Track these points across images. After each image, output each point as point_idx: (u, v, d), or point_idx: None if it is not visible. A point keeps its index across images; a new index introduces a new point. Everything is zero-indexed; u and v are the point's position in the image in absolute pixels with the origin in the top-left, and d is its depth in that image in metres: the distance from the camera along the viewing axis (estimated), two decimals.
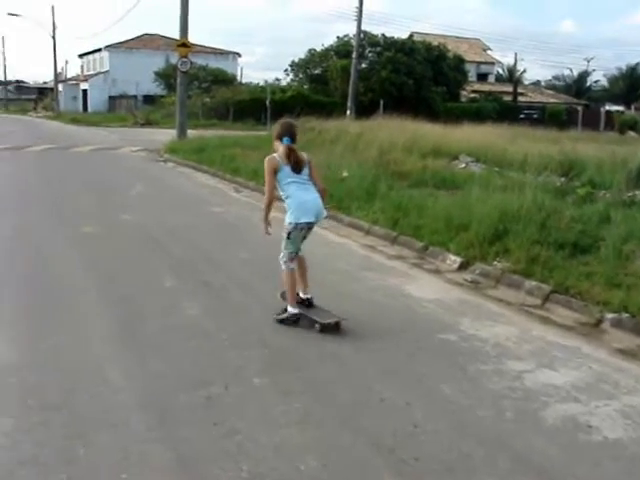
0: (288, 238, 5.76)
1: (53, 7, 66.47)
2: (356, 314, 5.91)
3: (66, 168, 17.85)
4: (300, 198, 5.67)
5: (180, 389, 4.36)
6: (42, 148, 23.76)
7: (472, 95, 58.34)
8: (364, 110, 37.03)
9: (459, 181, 13.15)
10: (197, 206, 11.86)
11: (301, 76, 54.67)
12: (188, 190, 14.22)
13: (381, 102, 38.49)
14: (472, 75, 63.39)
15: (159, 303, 6.16)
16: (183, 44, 24.39)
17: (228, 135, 24.44)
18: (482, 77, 68.90)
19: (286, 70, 55.28)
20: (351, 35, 53.69)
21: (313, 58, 54.46)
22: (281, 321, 5.67)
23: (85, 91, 68.85)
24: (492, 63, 71.50)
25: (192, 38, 25.09)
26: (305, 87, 52.27)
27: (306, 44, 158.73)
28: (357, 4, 38.92)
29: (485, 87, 62.33)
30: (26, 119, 58.75)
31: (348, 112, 37.83)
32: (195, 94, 45.65)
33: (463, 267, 7.84)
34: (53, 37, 60.88)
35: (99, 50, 67.97)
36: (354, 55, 39.94)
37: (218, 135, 24.34)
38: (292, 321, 5.64)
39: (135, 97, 59.77)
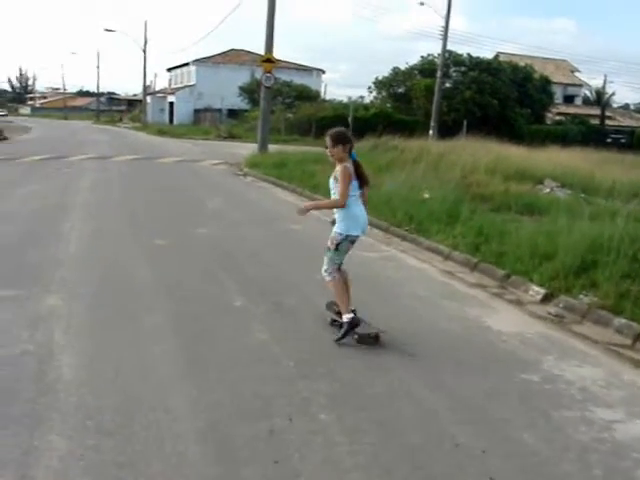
0: (337, 249, 5.80)
1: (146, 22, 68.35)
2: (433, 346, 5.61)
3: (147, 179, 18.15)
4: (354, 211, 5.76)
5: (242, 419, 4.14)
6: (127, 158, 24.27)
7: (557, 117, 57.04)
8: (447, 130, 36.59)
9: (543, 207, 12.64)
10: (274, 222, 11.73)
11: (384, 94, 54.51)
12: (266, 206, 14.14)
13: (464, 122, 37.88)
14: (558, 97, 62.08)
15: (228, 324, 5.98)
16: (268, 59, 24.55)
17: (309, 151, 24.36)
18: (569, 99, 67.37)
19: (369, 87, 55.28)
20: (436, 54, 53.50)
21: (397, 76, 54.25)
22: (343, 336, 5.62)
23: (172, 103, 70.48)
24: (579, 85, 69.86)
25: (277, 54, 25.32)
26: (388, 105, 52.09)
27: (390, 62, 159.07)
28: (443, 23, 38.53)
29: (571, 109, 60.88)
30: (114, 129, 60.50)
31: (431, 132, 37.43)
32: (278, 109, 45.96)
33: (547, 299, 7.40)
34: (144, 51, 62.62)
35: (187, 64, 69.56)
36: (438, 74, 39.49)
37: (299, 151, 24.33)
38: (352, 328, 5.60)
39: (220, 111, 60.75)
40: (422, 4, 39.97)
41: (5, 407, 4.19)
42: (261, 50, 25.08)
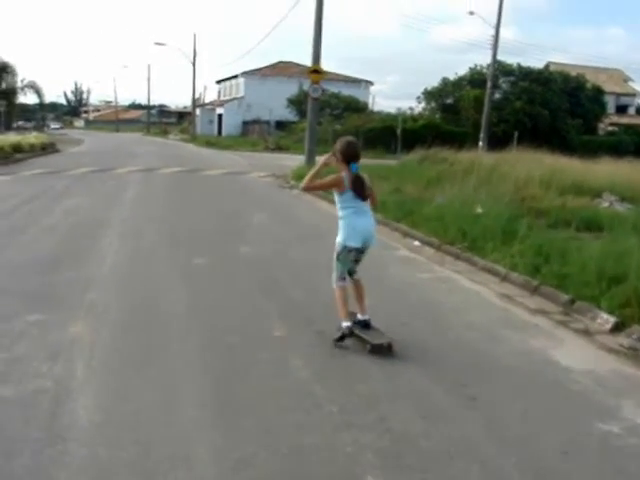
0: (337, 259, 5.98)
1: (195, 35, 69.03)
2: (496, 388, 4.98)
3: (192, 192, 17.85)
4: (353, 223, 5.83)
5: None
6: (173, 170, 24.07)
7: (610, 128, 55.53)
8: (497, 141, 35.76)
9: (604, 222, 11.86)
10: (322, 240, 11.10)
11: (433, 105, 53.77)
12: (313, 221, 13.59)
13: (515, 134, 36.92)
14: (611, 107, 60.51)
15: (264, 358, 5.39)
16: (315, 70, 24.12)
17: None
18: (621, 109, 65.72)
19: (418, 98, 54.60)
20: (484, 64, 52.65)
21: (446, 87, 53.49)
22: (339, 340, 5.71)
23: (220, 115, 70.80)
24: (633, 95, 68.13)
25: (324, 66, 24.87)
26: (436, 116, 51.33)
27: (437, 73, 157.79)
28: (492, 33, 37.71)
29: (624, 120, 59.26)
30: (163, 141, 60.95)
31: (480, 143, 36.62)
32: (326, 121, 45.56)
33: (618, 329, 6.68)
34: (193, 64, 63.04)
35: (235, 77, 69.85)
36: (488, 84, 38.66)
37: None
38: (345, 333, 5.68)
39: (268, 122, 60.73)
40: (472, 13, 39.32)
41: (6, 460, 3.67)
42: (309, 62, 24.68)
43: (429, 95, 53.75)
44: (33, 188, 17.62)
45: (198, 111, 73.08)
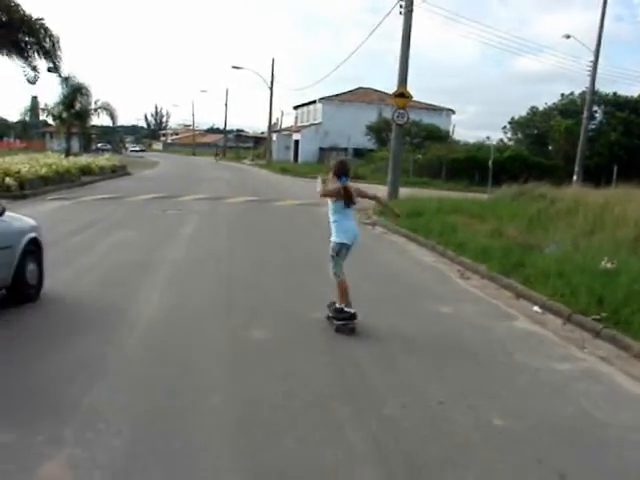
0: (337, 255, 7.28)
1: (273, 60, 67.95)
2: None
3: (259, 227, 15.69)
4: (343, 225, 7.31)
5: None
6: (241, 200, 22.20)
7: None
8: (589, 175, 33.22)
9: None
10: (414, 299, 8.87)
11: (520, 135, 50.95)
12: (401, 270, 11.29)
13: (615, 168, 33.85)
14: None
15: None
16: (401, 94, 21.94)
17: (445, 197, 21.42)
18: None
19: (504, 128, 51.95)
20: (576, 93, 49.57)
21: (534, 117, 50.63)
22: (334, 318, 7.20)
23: (297, 141, 69.36)
24: None
25: None
26: (522, 147, 48.41)
27: (519, 104, 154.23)
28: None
29: None
30: (237, 166, 59.80)
31: (575, 177, 33.74)
32: (406, 149, 43.32)
33: None
34: (270, 88, 61.92)
35: (313, 102, 68.40)
36: (585, 114, 35.70)
37: (433, 196, 21.38)
38: (349, 317, 7.07)
39: (346, 150, 58.85)
40: (568, 37, 36.49)
41: None
42: (388, 89, 22.59)
43: (516, 125, 51.00)
44: (88, 216, 16.01)
45: (274, 136, 71.88)
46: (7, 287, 7.27)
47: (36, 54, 25.96)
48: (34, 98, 42.53)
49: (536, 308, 8.62)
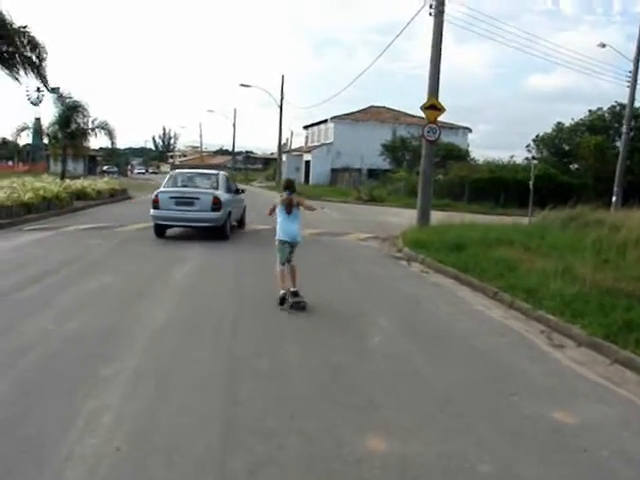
0: (278, 250, 9.19)
1: (283, 76, 65.35)
2: None
3: (270, 268, 12.22)
4: (283, 226, 9.20)
5: None
6: (250, 230, 19.29)
7: None
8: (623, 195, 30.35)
9: None
10: (504, 393, 5.79)
11: (545, 153, 47.89)
12: (465, 332, 8.09)
13: None
14: None
15: None
16: (432, 106, 19.01)
17: (476, 222, 18.41)
18: None
19: (528, 146, 48.90)
20: (605, 108, 46.62)
21: (560, 133, 47.61)
22: (280, 303, 8.77)
23: (308, 162, 66.63)
24: None
25: (419, 113, 19.51)
26: (547, 166, 45.33)
27: (532, 123, 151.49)
28: (630, 68, 31.91)
29: None
30: (246, 188, 56.74)
31: (614, 198, 30.69)
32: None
33: None
34: (280, 106, 59.23)
35: (324, 121, 65.79)
36: (624, 129, 32.74)
37: (467, 222, 18.38)
38: (282, 299, 8.79)
39: (359, 170, 56.06)
40: (603, 46, 33.63)
41: None
42: (402, 108, 19.97)
43: (541, 142, 47.99)
44: (63, 252, 13.14)
45: (284, 157, 69.09)
46: (239, 222, 19.33)
47: (20, 66, 23.25)
48: (37, 120, 39.77)
49: None
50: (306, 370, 6.13)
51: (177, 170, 21.84)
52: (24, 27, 22.67)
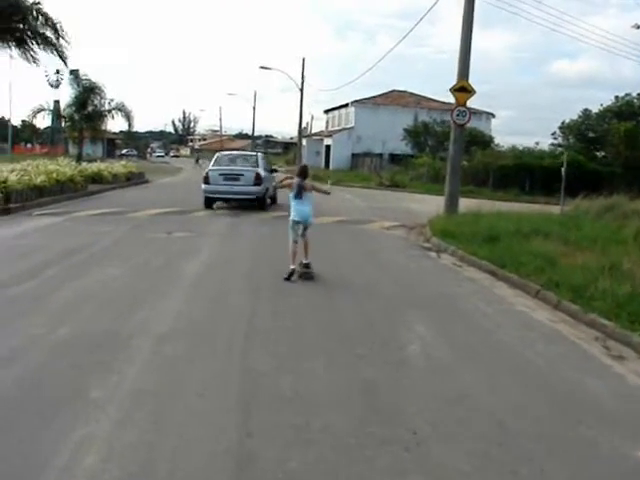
0: (290, 228, 9.84)
1: (304, 59, 63.97)
2: None
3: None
4: (295, 208, 9.82)
5: None
6: (270, 216, 18.42)
7: None
8: None
9: None
10: (572, 424, 4.87)
11: (571, 140, 46.53)
12: (512, 341, 7.07)
13: None
14: None
15: None
16: (462, 88, 18.00)
17: (505, 210, 17.48)
18: None
19: (554, 133, 47.55)
20: (634, 94, 45.14)
21: (588, 120, 46.23)
22: (288, 278, 9.27)
23: (328, 147, 65.54)
24: None
25: (441, 97, 18.50)
26: (574, 153, 44.00)
27: (554, 109, 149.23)
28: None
29: None
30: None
31: None
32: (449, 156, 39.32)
33: None
34: (301, 90, 58.07)
35: (345, 105, 64.60)
36: None
37: (495, 210, 17.37)
38: (290, 274, 9.30)
39: (380, 155, 54.92)
40: (638, 27, 32.23)
41: None
42: (424, 92, 18.79)
43: (568, 129, 46.62)
44: (70, 240, 12.35)
45: (304, 142, 68.00)
46: (272, 198, 21.28)
47: (34, 43, 22.35)
48: (56, 102, 39.10)
49: None
50: (335, 391, 5.22)
51: (221, 152, 25.24)
52: (37, 3, 21.76)
